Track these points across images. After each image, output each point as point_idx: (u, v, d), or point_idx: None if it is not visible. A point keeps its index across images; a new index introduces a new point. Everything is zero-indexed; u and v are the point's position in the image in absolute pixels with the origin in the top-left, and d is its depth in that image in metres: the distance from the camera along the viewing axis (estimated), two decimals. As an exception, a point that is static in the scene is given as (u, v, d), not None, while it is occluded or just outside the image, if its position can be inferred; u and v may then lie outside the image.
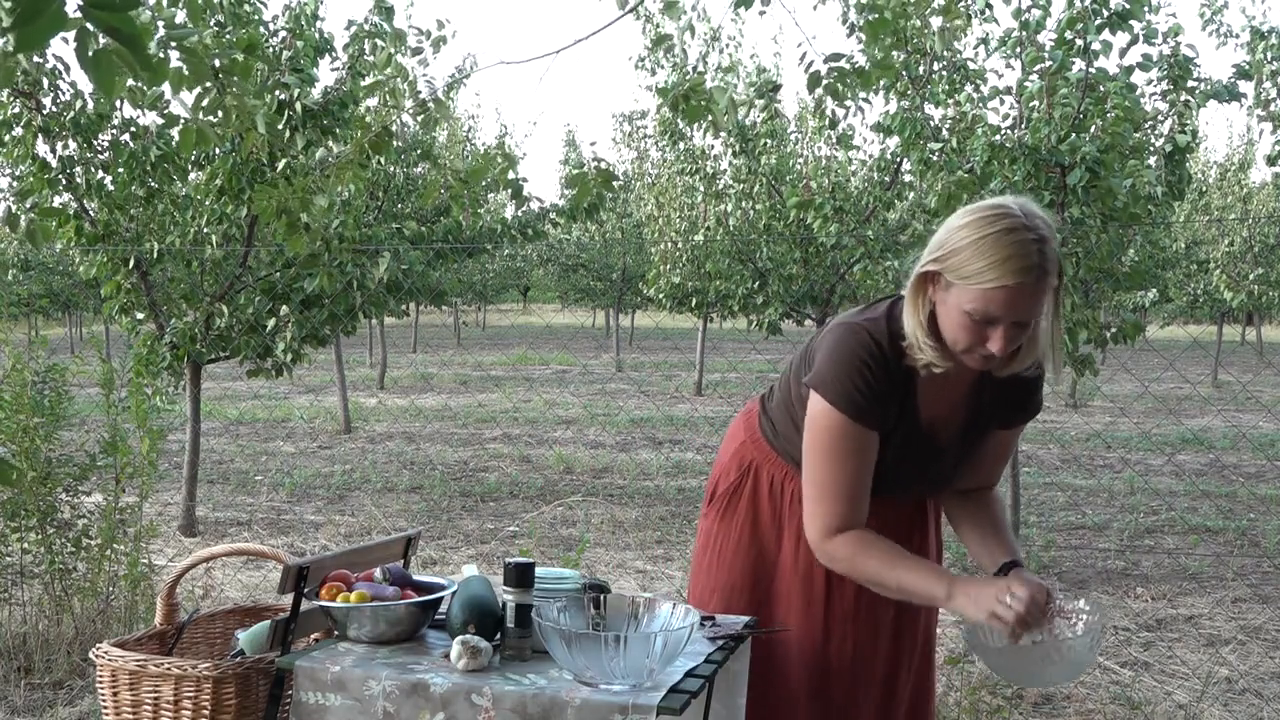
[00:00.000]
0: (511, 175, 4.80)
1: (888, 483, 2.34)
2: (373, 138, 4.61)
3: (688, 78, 7.98)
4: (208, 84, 3.18)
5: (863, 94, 6.38)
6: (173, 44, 2.69)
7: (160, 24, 3.13)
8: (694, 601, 2.57)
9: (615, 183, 4.96)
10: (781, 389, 2.49)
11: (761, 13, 4.94)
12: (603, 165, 5.22)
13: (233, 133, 4.10)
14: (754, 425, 2.55)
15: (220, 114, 3.47)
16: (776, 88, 8.42)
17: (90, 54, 1.17)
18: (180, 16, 4.85)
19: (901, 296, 2.27)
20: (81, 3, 1.06)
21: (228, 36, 5.73)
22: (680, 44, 8.72)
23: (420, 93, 5.02)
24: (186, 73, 2.83)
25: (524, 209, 9.09)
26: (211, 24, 5.80)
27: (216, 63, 3.75)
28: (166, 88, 4.02)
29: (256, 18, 6.31)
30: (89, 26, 1.07)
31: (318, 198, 4.56)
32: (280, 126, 6.47)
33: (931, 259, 2.16)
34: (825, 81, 3.56)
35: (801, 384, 2.36)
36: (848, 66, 3.53)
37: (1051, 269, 2.11)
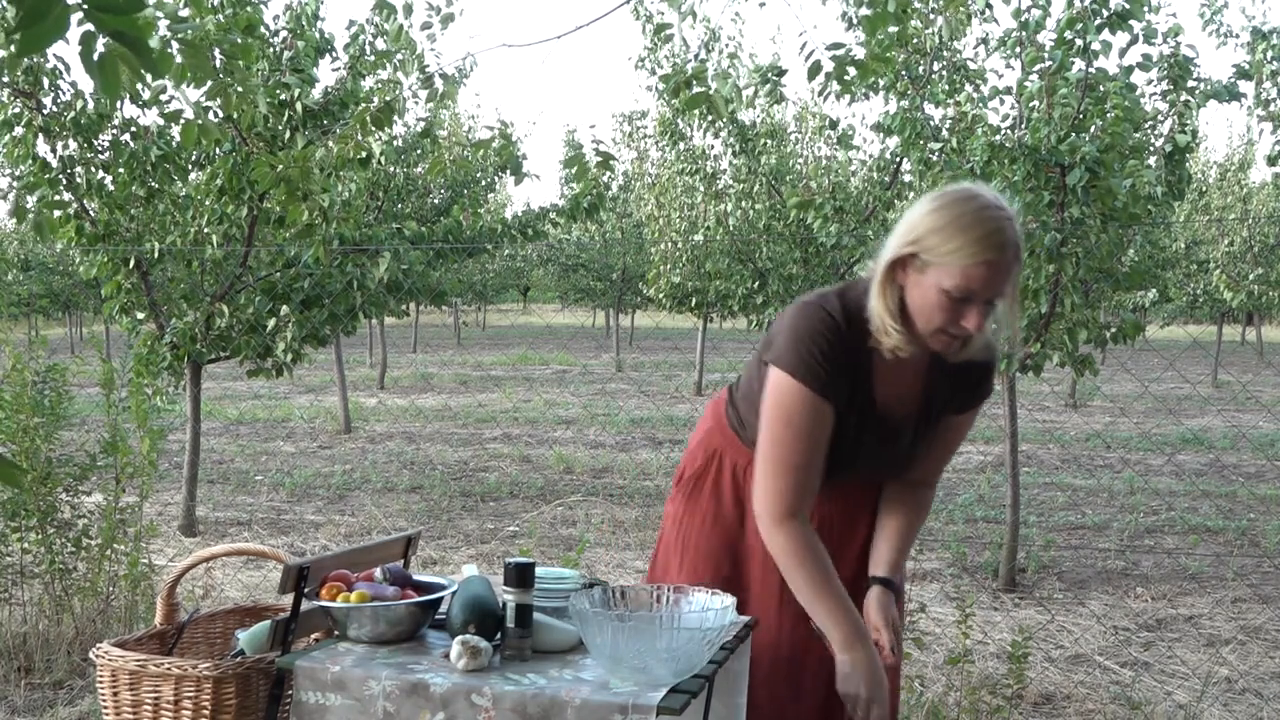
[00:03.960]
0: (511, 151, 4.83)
1: (843, 465, 2.38)
2: (375, 111, 4.61)
3: (689, 65, 7.99)
4: (213, 75, 3.18)
5: (862, 87, 6.38)
6: (175, 39, 2.69)
7: (162, 19, 3.12)
8: (655, 581, 2.61)
9: (613, 162, 4.98)
10: (746, 379, 2.53)
11: (761, 3, 4.94)
12: (601, 148, 5.23)
13: (232, 111, 4.09)
14: (721, 413, 2.60)
15: (220, 99, 3.48)
16: (782, 72, 8.38)
17: (95, 58, 1.17)
18: (184, 12, 4.85)
19: (851, 283, 2.36)
20: (85, 6, 1.05)
21: (226, 18, 5.74)
22: (680, 32, 8.71)
23: (427, 67, 5.04)
24: (187, 67, 2.83)
25: (524, 208, 9.11)
26: (212, 18, 5.80)
27: (217, 52, 3.76)
28: (167, 81, 4.02)
29: (254, 12, 6.31)
30: (92, 29, 1.07)
31: (316, 170, 4.58)
32: (280, 126, 6.47)
33: (905, 243, 2.23)
34: (826, 70, 3.55)
35: (762, 364, 2.41)
36: (846, 56, 3.53)
37: (1021, 246, 2.22)
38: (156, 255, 6.54)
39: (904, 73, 6.18)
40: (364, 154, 6.13)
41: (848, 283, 2.39)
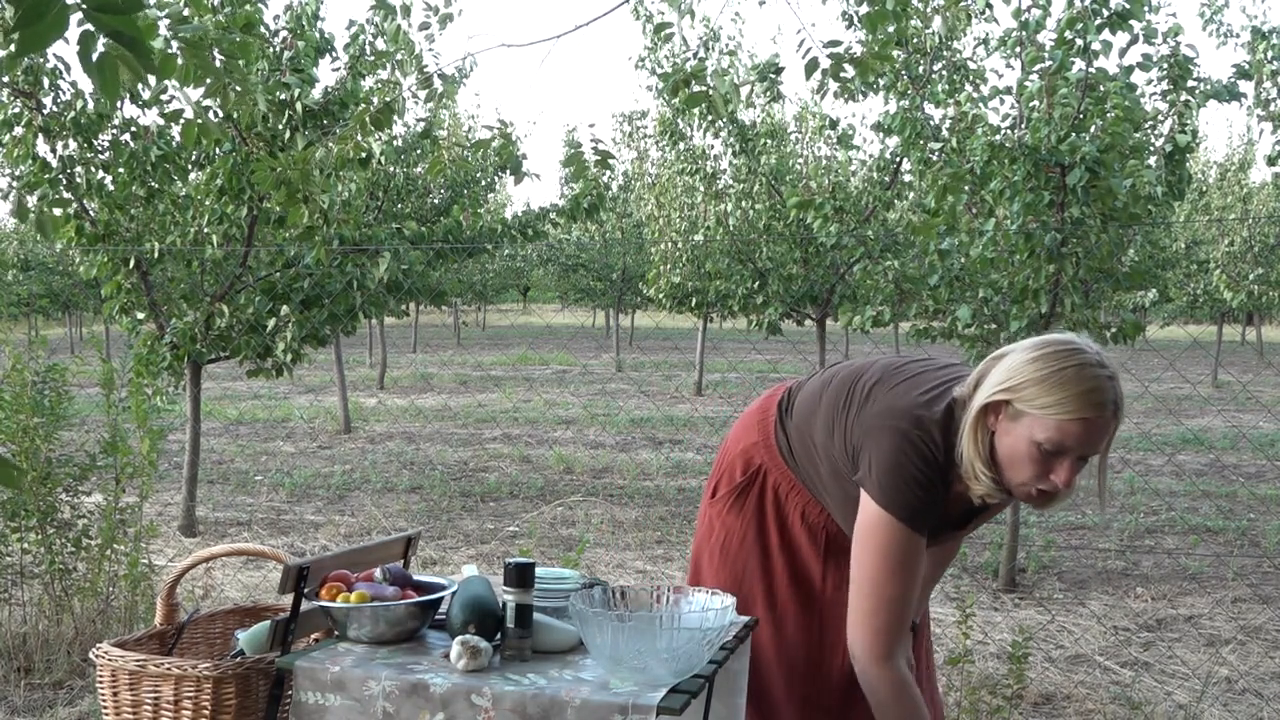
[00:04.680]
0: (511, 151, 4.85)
1: None
2: (375, 112, 4.61)
3: (689, 64, 7.98)
4: (215, 74, 3.18)
5: (861, 86, 6.39)
6: (177, 39, 2.69)
7: (163, 19, 3.11)
8: (693, 584, 2.59)
9: (611, 161, 4.98)
10: (802, 417, 2.45)
11: (761, 2, 4.95)
12: (600, 147, 5.23)
13: (231, 110, 4.10)
14: (769, 431, 2.53)
15: (223, 97, 3.48)
16: (779, 70, 8.39)
17: (94, 58, 1.16)
18: (185, 13, 4.85)
19: (949, 403, 2.25)
20: (84, 5, 1.05)
21: (225, 17, 5.74)
22: (680, 31, 8.72)
23: (426, 67, 5.04)
24: (192, 67, 2.83)
25: (524, 208, 9.13)
26: (213, 17, 5.80)
27: (216, 51, 3.76)
28: (170, 81, 4.02)
29: (253, 10, 6.31)
30: (91, 29, 1.06)
31: (316, 172, 4.59)
32: (280, 126, 6.47)
33: (1000, 389, 2.16)
34: (823, 67, 3.55)
35: (836, 452, 2.35)
36: (845, 53, 3.53)
37: (1122, 407, 2.16)
38: (156, 255, 6.54)
39: (904, 73, 6.18)
40: (364, 154, 6.13)
41: (948, 399, 2.26)
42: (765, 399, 2.61)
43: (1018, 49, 5.69)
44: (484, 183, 13.05)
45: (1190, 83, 5.98)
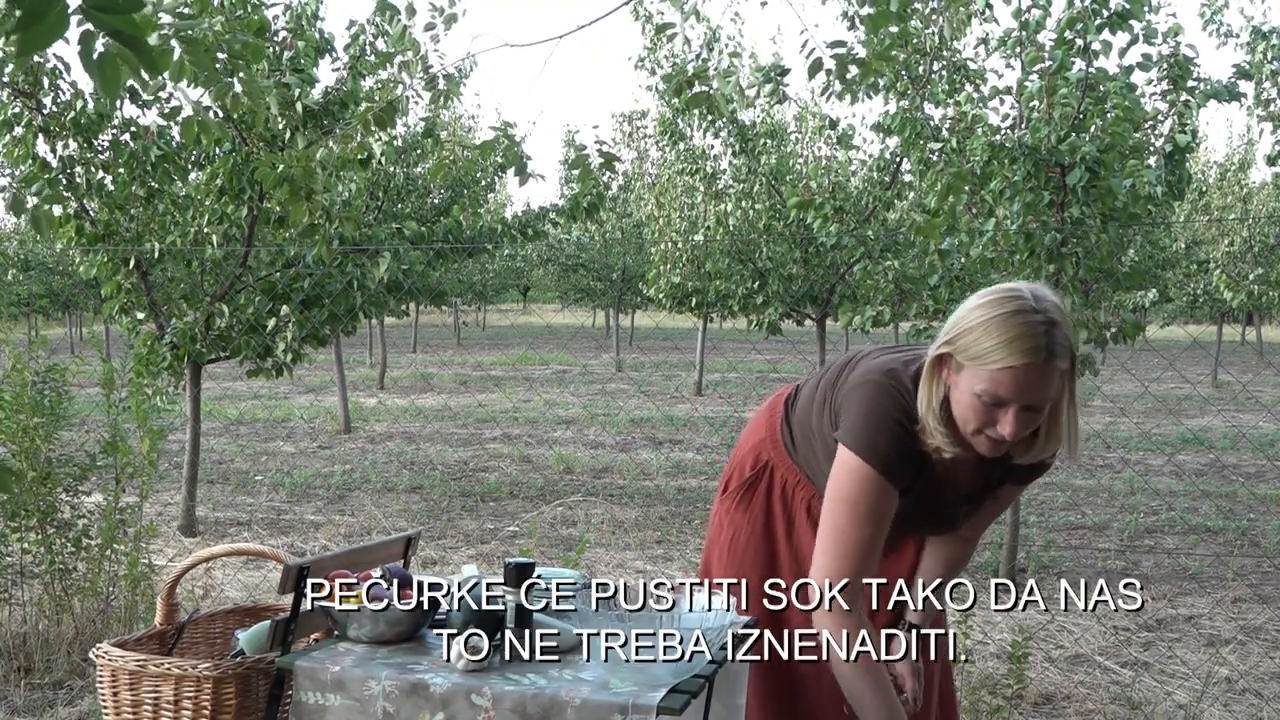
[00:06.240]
0: (515, 152, 4.84)
1: (896, 529, 2.35)
2: (378, 111, 4.61)
3: (690, 65, 7.96)
4: (215, 75, 3.18)
5: (863, 86, 6.38)
6: (176, 36, 2.69)
7: (164, 16, 3.11)
8: (704, 578, 2.61)
9: (616, 163, 4.97)
10: (803, 408, 2.49)
11: (763, 3, 4.94)
12: (604, 149, 5.23)
13: (235, 112, 4.08)
14: (775, 427, 2.57)
15: (230, 100, 3.48)
16: (784, 71, 8.40)
17: (94, 57, 1.17)
18: (187, 11, 4.85)
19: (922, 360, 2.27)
20: (84, 5, 1.05)
21: (237, 18, 5.74)
22: (682, 32, 8.72)
23: (431, 67, 5.03)
24: (189, 65, 2.83)
25: (524, 208, 9.14)
26: (218, 19, 5.79)
27: (223, 54, 3.77)
28: (166, 78, 4.01)
29: (260, 11, 6.31)
30: (91, 28, 1.06)
31: (319, 170, 4.58)
32: (281, 126, 6.47)
33: (944, 341, 2.17)
34: (827, 68, 3.54)
35: (825, 426, 2.37)
36: (849, 54, 3.52)
37: (1060, 352, 2.10)
38: (156, 255, 6.54)
39: (904, 73, 6.18)
40: (364, 154, 6.13)
41: (921, 359, 2.29)
42: (775, 398, 2.65)
43: (1018, 49, 5.69)
44: (484, 183, 13.05)
45: (1190, 83, 5.98)
